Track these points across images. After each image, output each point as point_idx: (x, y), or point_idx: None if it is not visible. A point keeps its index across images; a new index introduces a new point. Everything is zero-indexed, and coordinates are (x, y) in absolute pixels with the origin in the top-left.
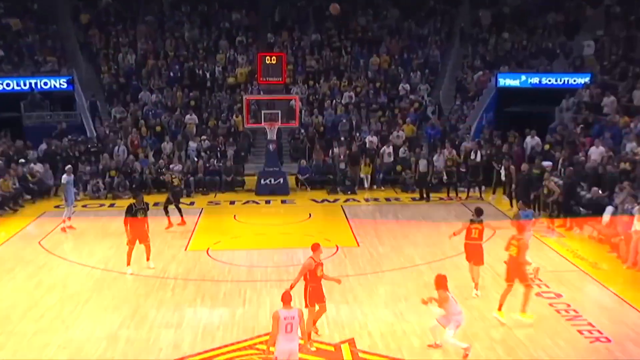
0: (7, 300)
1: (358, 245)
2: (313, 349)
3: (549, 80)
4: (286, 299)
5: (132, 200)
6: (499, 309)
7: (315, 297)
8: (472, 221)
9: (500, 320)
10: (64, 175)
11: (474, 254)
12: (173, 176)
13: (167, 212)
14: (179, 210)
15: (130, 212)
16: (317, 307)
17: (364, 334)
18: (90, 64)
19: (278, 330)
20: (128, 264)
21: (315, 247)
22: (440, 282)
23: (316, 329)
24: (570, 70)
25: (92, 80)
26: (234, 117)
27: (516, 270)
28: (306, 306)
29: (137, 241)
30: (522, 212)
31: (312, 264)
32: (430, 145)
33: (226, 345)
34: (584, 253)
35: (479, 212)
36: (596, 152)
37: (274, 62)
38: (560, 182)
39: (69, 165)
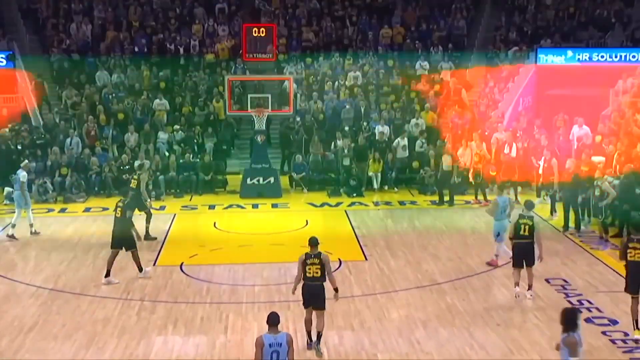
0: None
1: (365, 258)
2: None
3: (602, 57)
4: (273, 321)
5: (118, 199)
6: (636, 327)
7: None
8: (520, 216)
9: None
10: (22, 173)
11: (526, 255)
12: (127, 176)
13: None
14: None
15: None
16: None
17: None
18: (35, 36)
19: None
20: (140, 267)
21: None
22: (570, 318)
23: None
24: (628, 44)
25: (37, 56)
26: (214, 102)
27: None
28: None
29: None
30: (500, 197)
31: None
32: (455, 137)
33: None
34: None
35: (529, 205)
36: None
37: (262, 34)
38: (616, 182)
39: (26, 161)
